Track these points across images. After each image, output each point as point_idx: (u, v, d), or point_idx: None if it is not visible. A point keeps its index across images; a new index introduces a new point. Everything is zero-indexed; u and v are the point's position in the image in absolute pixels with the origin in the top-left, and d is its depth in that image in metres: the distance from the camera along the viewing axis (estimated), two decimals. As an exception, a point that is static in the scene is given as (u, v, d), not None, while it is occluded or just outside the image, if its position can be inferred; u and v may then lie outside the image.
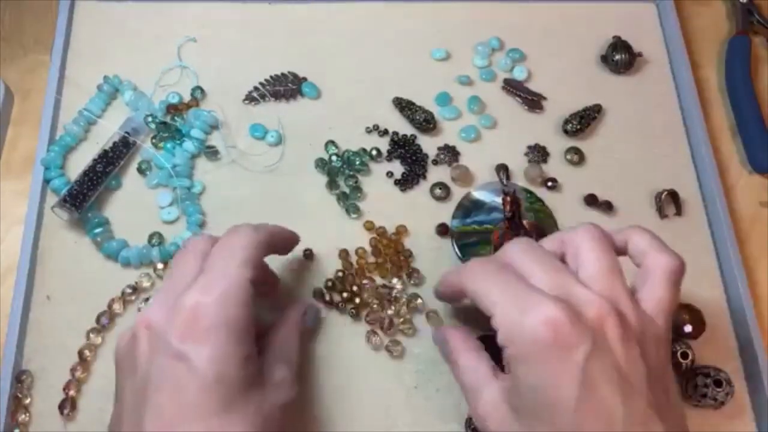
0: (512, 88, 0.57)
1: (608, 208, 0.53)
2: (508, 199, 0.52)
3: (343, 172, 0.53)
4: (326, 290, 0.49)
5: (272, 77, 0.57)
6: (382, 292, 0.49)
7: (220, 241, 0.41)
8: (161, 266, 0.49)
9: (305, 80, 0.57)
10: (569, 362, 0.34)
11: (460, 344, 0.42)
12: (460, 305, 0.48)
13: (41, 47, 0.58)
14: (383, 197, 0.53)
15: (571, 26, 0.60)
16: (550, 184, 0.53)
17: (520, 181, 0.54)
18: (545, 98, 0.57)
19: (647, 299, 0.38)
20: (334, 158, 0.54)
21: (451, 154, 0.54)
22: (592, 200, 0.53)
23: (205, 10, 0.59)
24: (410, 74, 0.58)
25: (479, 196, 0.53)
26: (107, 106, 0.55)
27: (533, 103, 0.57)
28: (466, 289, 0.39)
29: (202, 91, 0.56)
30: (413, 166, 0.54)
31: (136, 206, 0.52)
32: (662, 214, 0.53)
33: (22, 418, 0.45)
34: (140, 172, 0.53)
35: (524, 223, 0.52)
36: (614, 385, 0.34)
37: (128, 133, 0.52)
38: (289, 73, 0.57)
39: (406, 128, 0.55)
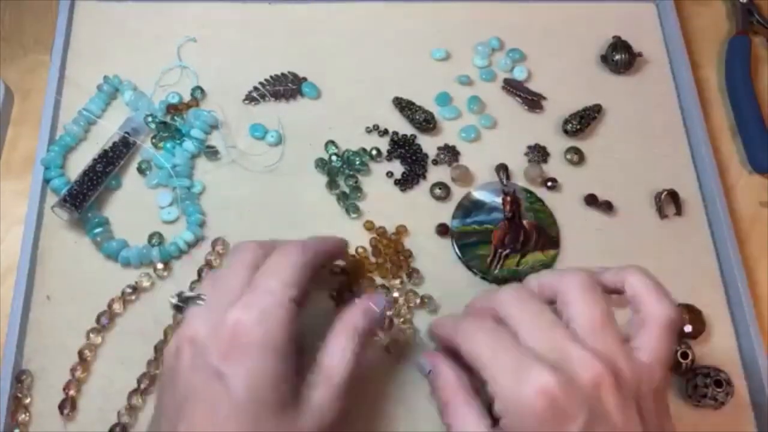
0: (512, 88, 0.57)
1: (608, 208, 0.53)
2: (508, 199, 0.52)
3: (343, 172, 0.53)
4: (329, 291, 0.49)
5: (272, 77, 0.57)
6: (382, 292, 0.49)
7: (268, 260, 0.40)
8: (161, 266, 0.49)
9: (305, 80, 0.57)
10: None
11: (451, 394, 0.40)
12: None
13: (41, 47, 0.58)
14: (383, 197, 0.53)
15: (571, 26, 0.60)
16: (550, 184, 0.53)
17: (520, 181, 0.54)
18: (545, 98, 0.57)
19: (643, 349, 0.37)
20: (334, 158, 0.54)
21: (451, 154, 0.54)
22: (592, 200, 0.53)
23: (205, 10, 0.59)
24: (410, 74, 0.58)
25: (479, 196, 0.53)
26: (107, 106, 0.55)
27: (533, 103, 0.57)
28: (460, 347, 0.39)
29: (202, 91, 0.56)
30: (413, 166, 0.54)
31: (136, 206, 0.52)
32: (662, 214, 0.53)
33: (22, 418, 0.45)
34: (140, 172, 0.53)
35: (524, 223, 0.52)
36: None
37: (128, 133, 0.52)
38: (289, 73, 0.57)
39: (406, 128, 0.55)
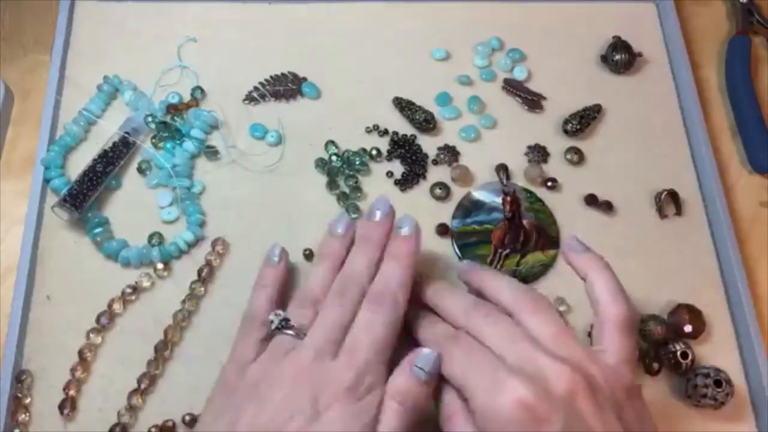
0: (512, 88, 0.57)
1: (608, 208, 0.53)
2: (508, 199, 0.52)
3: (343, 172, 0.53)
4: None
5: (272, 77, 0.57)
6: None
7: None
8: (161, 266, 0.49)
9: (305, 80, 0.57)
10: None
11: (455, 408, 0.39)
12: None
13: (41, 47, 0.58)
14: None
15: (571, 26, 0.60)
16: (550, 184, 0.53)
17: (520, 181, 0.54)
18: (545, 98, 0.57)
19: (608, 351, 0.38)
20: (334, 158, 0.54)
21: (451, 154, 0.54)
22: (592, 200, 0.53)
23: (205, 10, 0.59)
24: (410, 74, 0.58)
25: (479, 196, 0.53)
26: (107, 106, 0.55)
27: (533, 103, 0.57)
28: (442, 372, 0.39)
29: (202, 91, 0.56)
30: (413, 166, 0.54)
31: (136, 206, 0.52)
32: (662, 214, 0.53)
33: (22, 418, 0.45)
34: (140, 172, 0.53)
35: (524, 223, 0.52)
36: None
37: (128, 133, 0.52)
38: (289, 73, 0.57)
39: (406, 128, 0.55)
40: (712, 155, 0.54)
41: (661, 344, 0.48)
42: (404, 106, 0.56)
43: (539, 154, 0.55)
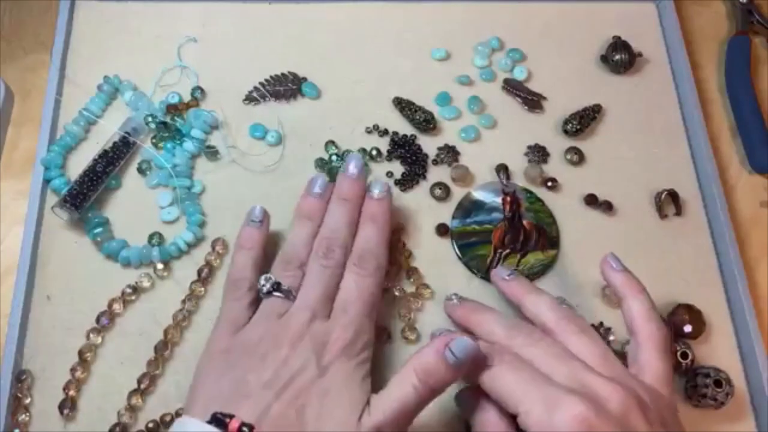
0: (512, 88, 0.57)
1: (608, 208, 0.53)
2: (508, 199, 0.52)
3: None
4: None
5: (272, 77, 0.57)
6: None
7: None
8: (161, 266, 0.49)
9: (305, 80, 0.57)
10: None
11: (496, 430, 0.40)
12: None
13: (41, 47, 0.58)
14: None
15: (571, 26, 0.60)
16: (550, 184, 0.53)
17: (520, 181, 0.54)
18: (545, 98, 0.57)
19: (647, 371, 0.40)
20: (334, 158, 0.53)
21: (451, 154, 0.54)
22: (592, 200, 0.53)
23: (205, 10, 0.59)
24: (410, 74, 0.58)
25: (479, 196, 0.53)
26: (107, 106, 0.55)
27: (533, 103, 0.57)
28: (486, 388, 0.39)
29: (202, 91, 0.56)
30: (413, 166, 0.54)
31: (136, 206, 0.52)
32: (662, 214, 0.53)
33: (22, 418, 0.45)
34: (140, 172, 0.53)
35: (524, 223, 0.52)
36: None
37: (128, 133, 0.52)
38: (289, 73, 0.57)
39: (406, 128, 0.55)
40: (712, 155, 0.54)
41: (661, 344, 0.48)
42: (404, 106, 0.56)
43: (539, 154, 0.55)
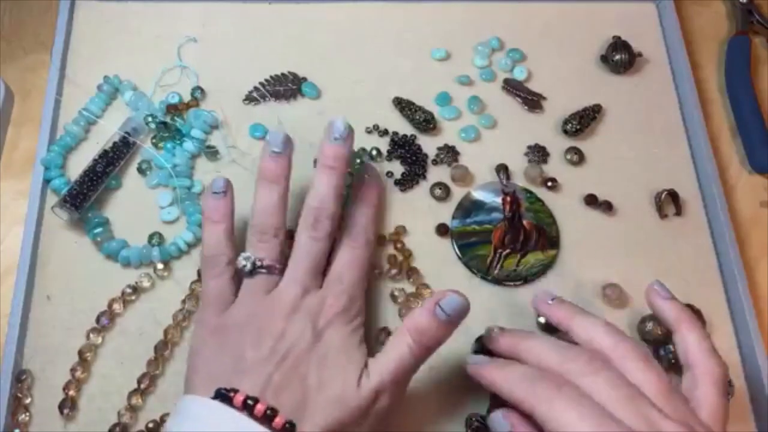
0: (512, 88, 0.57)
1: (608, 208, 0.53)
2: (508, 199, 0.52)
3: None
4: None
5: (272, 77, 0.57)
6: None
7: None
8: (161, 266, 0.49)
9: (305, 80, 0.57)
10: None
11: None
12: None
13: (41, 47, 0.58)
14: (383, 197, 0.53)
15: (571, 26, 0.60)
16: (550, 184, 0.53)
17: (520, 181, 0.54)
18: (545, 98, 0.57)
19: (704, 407, 0.38)
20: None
21: (451, 154, 0.54)
22: (592, 200, 0.53)
23: (205, 10, 0.59)
24: (410, 74, 0.58)
25: (479, 196, 0.53)
26: (107, 106, 0.55)
27: (533, 103, 0.57)
28: (540, 419, 0.37)
29: (202, 91, 0.56)
30: (413, 166, 0.54)
31: (136, 206, 0.52)
32: (662, 214, 0.53)
33: (22, 418, 0.45)
34: (140, 172, 0.53)
35: (524, 223, 0.52)
36: None
37: (128, 133, 0.52)
38: (289, 73, 0.57)
39: (406, 128, 0.55)
40: (712, 155, 0.54)
41: (661, 344, 0.48)
42: (404, 106, 0.56)
43: (539, 154, 0.55)
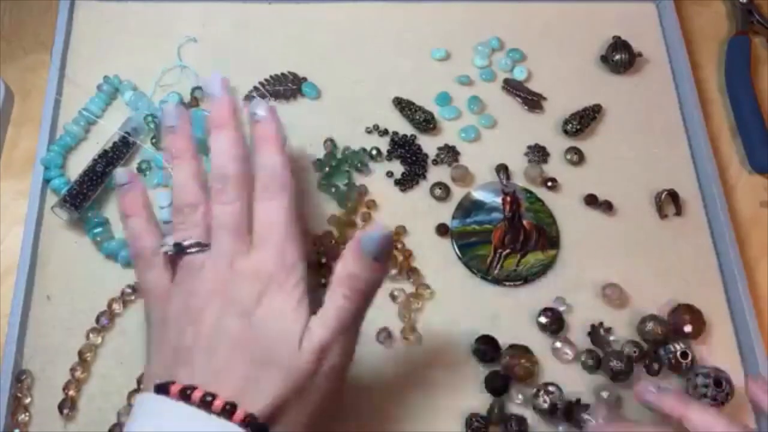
0: (512, 88, 0.57)
1: (608, 208, 0.53)
2: (508, 199, 0.52)
3: (342, 172, 0.53)
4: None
5: (272, 77, 0.57)
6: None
7: None
8: (161, 266, 0.49)
9: (305, 80, 0.57)
10: None
11: None
12: None
13: (41, 47, 0.58)
14: (383, 197, 0.53)
15: (571, 26, 0.60)
16: (550, 184, 0.53)
17: (520, 181, 0.54)
18: (545, 98, 0.57)
19: None
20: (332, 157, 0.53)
21: (451, 154, 0.54)
22: (592, 200, 0.53)
23: (205, 10, 0.59)
24: (410, 74, 0.58)
25: (479, 196, 0.53)
26: (107, 106, 0.55)
27: (533, 103, 0.57)
28: None
29: (202, 91, 0.56)
30: (413, 166, 0.54)
31: (136, 206, 0.52)
32: (662, 214, 0.53)
33: (22, 418, 0.45)
34: (140, 172, 0.53)
35: (524, 223, 0.52)
36: None
37: (128, 133, 0.52)
38: (289, 73, 0.57)
39: (406, 128, 0.55)
40: (712, 155, 0.54)
41: (661, 344, 0.48)
42: (404, 106, 0.56)
43: (539, 154, 0.55)
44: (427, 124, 0.55)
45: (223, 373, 0.37)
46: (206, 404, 0.35)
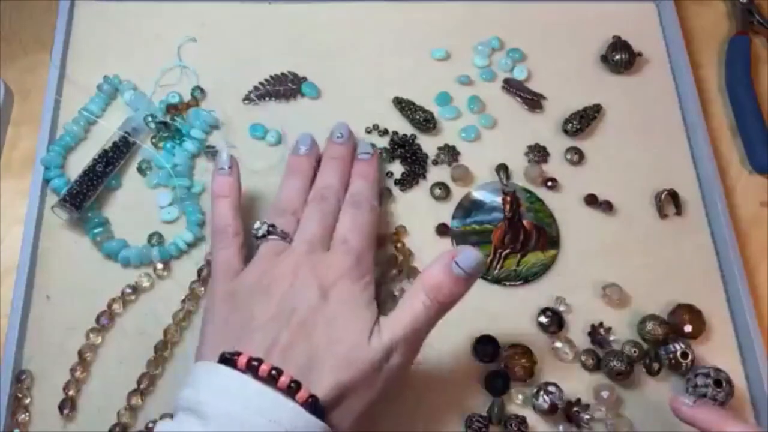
0: (512, 88, 0.57)
1: (608, 208, 0.53)
2: (508, 199, 0.52)
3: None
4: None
5: (272, 77, 0.57)
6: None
7: None
8: (161, 266, 0.49)
9: (305, 80, 0.57)
10: None
11: None
12: None
13: (41, 47, 0.58)
14: (383, 197, 0.53)
15: (571, 26, 0.60)
16: (550, 184, 0.53)
17: (520, 181, 0.54)
18: (545, 98, 0.57)
19: None
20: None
21: (451, 154, 0.54)
22: (592, 200, 0.53)
23: (205, 10, 0.59)
24: (410, 74, 0.58)
25: (479, 196, 0.53)
26: (107, 106, 0.55)
27: (533, 103, 0.57)
28: None
29: (202, 91, 0.56)
30: (413, 166, 0.54)
31: (136, 206, 0.52)
32: (662, 214, 0.53)
33: (22, 418, 0.45)
34: (140, 172, 0.53)
35: (524, 223, 0.52)
36: None
37: (128, 133, 0.52)
38: (289, 73, 0.57)
39: (406, 128, 0.55)
40: (712, 155, 0.54)
41: (661, 344, 0.48)
42: (404, 106, 0.56)
43: (539, 154, 0.55)
44: (427, 123, 0.55)
45: (291, 350, 0.37)
46: (272, 379, 0.36)
